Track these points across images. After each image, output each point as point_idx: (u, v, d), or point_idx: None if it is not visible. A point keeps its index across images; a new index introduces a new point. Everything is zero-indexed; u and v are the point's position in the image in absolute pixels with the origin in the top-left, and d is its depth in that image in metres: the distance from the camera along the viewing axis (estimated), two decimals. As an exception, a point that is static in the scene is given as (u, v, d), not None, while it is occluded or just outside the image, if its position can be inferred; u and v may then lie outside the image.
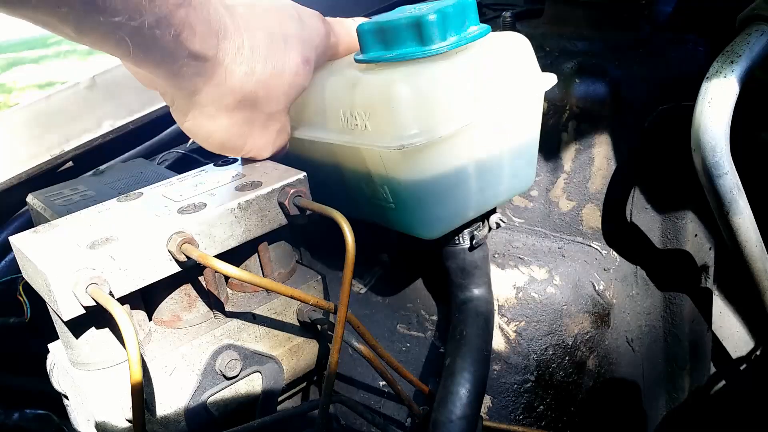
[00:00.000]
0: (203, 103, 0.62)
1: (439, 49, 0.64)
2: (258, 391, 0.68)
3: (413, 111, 0.63)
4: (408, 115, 0.63)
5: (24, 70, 7.75)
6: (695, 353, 0.91)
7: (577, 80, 0.86)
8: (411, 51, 0.65)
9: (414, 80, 0.64)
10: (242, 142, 0.68)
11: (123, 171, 0.81)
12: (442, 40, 0.65)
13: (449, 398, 0.69)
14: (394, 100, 0.63)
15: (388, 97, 0.64)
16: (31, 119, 1.08)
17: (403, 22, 0.64)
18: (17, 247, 0.59)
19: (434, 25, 0.64)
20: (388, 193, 0.69)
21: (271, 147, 0.71)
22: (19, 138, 1.06)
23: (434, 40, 0.64)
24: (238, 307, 0.67)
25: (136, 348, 0.50)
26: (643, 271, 0.89)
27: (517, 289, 0.85)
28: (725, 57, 0.70)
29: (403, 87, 0.63)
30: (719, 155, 0.68)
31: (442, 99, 0.64)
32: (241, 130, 0.66)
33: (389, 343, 0.85)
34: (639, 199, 0.86)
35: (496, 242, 0.91)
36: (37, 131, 1.07)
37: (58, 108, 1.10)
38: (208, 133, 0.66)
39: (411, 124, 0.63)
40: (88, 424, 0.63)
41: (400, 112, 0.63)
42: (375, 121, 0.65)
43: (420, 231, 0.71)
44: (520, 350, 0.82)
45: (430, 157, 0.65)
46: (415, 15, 0.64)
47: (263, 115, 0.67)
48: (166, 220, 0.60)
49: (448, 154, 0.66)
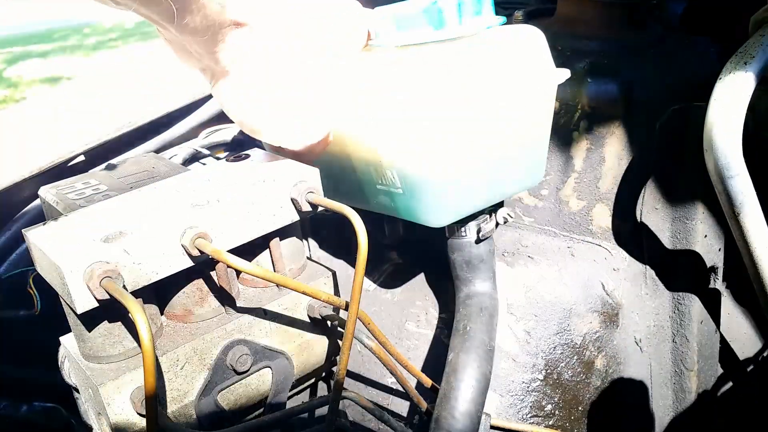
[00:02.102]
0: (242, 75, 0.61)
1: (454, 34, 0.65)
2: (268, 386, 0.69)
3: (426, 94, 0.63)
4: (421, 99, 0.63)
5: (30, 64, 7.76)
6: (703, 354, 0.91)
7: (589, 80, 0.86)
8: (427, 35, 0.65)
9: (428, 63, 0.64)
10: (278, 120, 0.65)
11: (135, 165, 0.81)
12: (457, 25, 0.65)
13: (452, 394, 0.69)
14: (408, 83, 0.64)
15: (403, 80, 0.64)
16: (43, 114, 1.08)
17: (420, 7, 0.65)
18: (31, 240, 0.60)
19: (451, 10, 0.64)
20: (396, 177, 0.69)
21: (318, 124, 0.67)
22: (31, 132, 1.07)
23: (450, 24, 0.65)
24: (249, 302, 0.67)
25: (150, 342, 0.50)
26: (653, 272, 0.89)
27: (527, 287, 0.85)
28: (738, 58, 0.70)
29: (417, 70, 0.64)
30: (731, 156, 0.68)
31: (455, 82, 0.64)
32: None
33: (398, 341, 0.85)
34: (649, 199, 0.86)
35: (505, 241, 0.91)
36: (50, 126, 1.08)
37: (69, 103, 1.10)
38: (244, 110, 0.64)
39: (423, 108, 0.63)
40: (98, 417, 0.63)
41: (413, 95, 0.63)
42: (388, 104, 0.66)
43: (426, 218, 0.71)
44: (528, 349, 0.82)
45: (440, 142, 0.65)
46: (433, 0, 0.64)
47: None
48: (180, 214, 0.60)
49: (459, 140, 0.66)
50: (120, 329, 0.59)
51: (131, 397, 0.59)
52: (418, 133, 0.63)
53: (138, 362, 0.60)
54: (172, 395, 0.62)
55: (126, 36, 9.00)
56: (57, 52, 8.24)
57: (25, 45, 8.88)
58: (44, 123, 1.08)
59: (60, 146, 1.08)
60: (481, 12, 0.67)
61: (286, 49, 0.61)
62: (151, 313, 0.62)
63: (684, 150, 0.81)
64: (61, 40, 9.07)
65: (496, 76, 0.67)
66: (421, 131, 0.63)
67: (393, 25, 0.67)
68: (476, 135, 0.67)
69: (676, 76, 0.85)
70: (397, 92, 0.65)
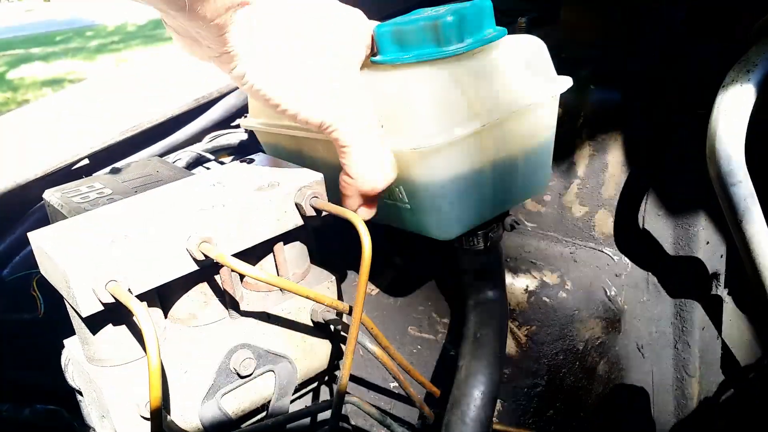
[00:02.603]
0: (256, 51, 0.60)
1: (456, 51, 0.65)
2: (271, 391, 0.69)
3: (430, 111, 0.63)
4: (424, 116, 0.63)
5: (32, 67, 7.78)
6: (705, 361, 0.91)
7: (592, 87, 0.86)
8: (428, 52, 0.65)
9: (431, 80, 0.64)
10: (302, 87, 0.63)
11: (139, 169, 0.82)
12: (459, 42, 0.65)
13: (463, 400, 0.69)
14: (410, 100, 0.64)
15: (405, 97, 0.64)
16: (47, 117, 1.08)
17: (421, 23, 0.65)
18: (36, 243, 0.60)
19: (452, 27, 0.64)
20: (403, 193, 0.69)
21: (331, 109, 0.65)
22: (35, 135, 1.07)
23: (451, 41, 0.65)
24: (252, 306, 0.67)
25: (155, 345, 0.50)
26: (655, 278, 0.90)
27: (529, 293, 0.85)
28: (741, 66, 0.70)
29: (420, 87, 0.64)
30: (734, 164, 0.68)
31: (459, 99, 0.64)
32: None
33: (400, 345, 0.86)
34: (652, 205, 0.87)
35: (508, 246, 0.91)
36: (53, 129, 1.08)
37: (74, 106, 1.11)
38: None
39: (427, 125, 0.63)
40: (101, 420, 0.63)
41: (417, 112, 0.64)
42: (391, 121, 0.66)
43: (435, 232, 0.71)
44: (531, 354, 0.82)
45: (445, 158, 0.65)
46: (433, 16, 0.64)
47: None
48: (185, 218, 0.60)
49: (464, 154, 0.66)
50: (124, 332, 0.59)
51: (135, 401, 0.59)
52: (424, 150, 0.63)
53: (142, 365, 0.60)
54: (175, 399, 0.62)
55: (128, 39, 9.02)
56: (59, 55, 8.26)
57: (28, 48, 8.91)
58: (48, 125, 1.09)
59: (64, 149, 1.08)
60: (482, 26, 0.67)
61: (290, 34, 0.61)
62: (155, 317, 0.62)
63: (686, 157, 0.81)
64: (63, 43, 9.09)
65: (499, 91, 0.67)
66: (426, 149, 0.63)
67: (395, 42, 0.67)
68: (482, 149, 0.67)
69: (680, 83, 0.85)
70: (401, 112, 0.65)
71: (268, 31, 0.60)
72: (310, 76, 0.62)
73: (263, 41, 0.60)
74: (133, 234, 0.58)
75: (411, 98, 0.64)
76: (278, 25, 0.60)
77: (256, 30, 0.59)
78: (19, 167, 1.04)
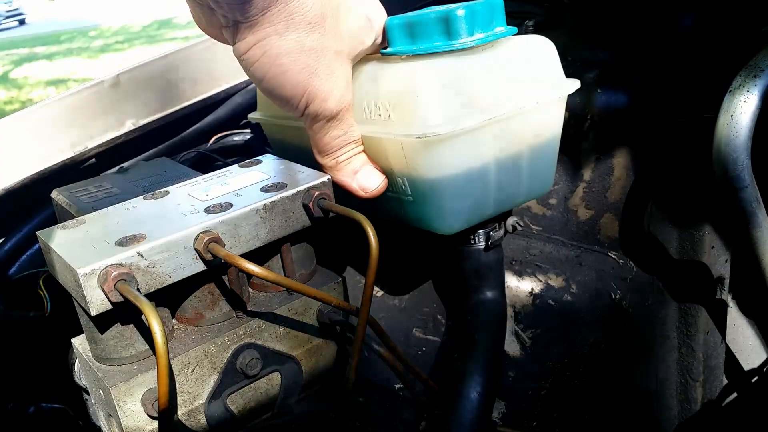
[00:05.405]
0: (272, 21, 0.60)
1: (465, 44, 0.66)
2: (277, 391, 0.69)
3: (437, 101, 0.64)
4: (432, 105, 0.64)
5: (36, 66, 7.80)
6: (708, 365, 0.91)
7: (599, 90, 0.86)
8: (438, 45, 0.66)
9: (440, 71, 0.65)
10: (306, 76, 0.64)
11: (147, 169, 0.82)
12: (469, 36, 0.66)
13: (459, 401, 0.69)
14: (419, 89, 0.64)
15: (413, 86, 0.65)
16: (54, 116, 1.09)
17: (432, 16, 0.66)
18: (44, 241, 0.60)
19: (462, 21, 0.65)
20: (407, 184, 0.69)
21: (335, 100, 0.67)
22: (43, 134, 1.07)
23: (461, 35, 0.65)
24: (259, 306, 0.68)
25: (164, 345, 0.50)
26: (660, 282, 0.90)
27: (534, 296, 0.85)
28: (748, 71, 0.70)
29: (428, 76, 0.64)
30: (740, 168, 0.69)
31: (467, 91, 0.65)
32: (307, 60, 0.63)
33: (405, 347, 0.86)
34: (657, 209, 0.87)
35: (513, 249, 0.91)
36: (61, 128, 1.08)
37: (81, 105, 1.11)
38: (272, 60, 0.63)
39: (434, 114, 0.64)
40: (109, 419, 0.63)
41: (424, 101, 0.64)
42: (399, 110, 0.66)
43: (436, 225, 0.71)
44: (535, 357, 0.82)
45: (451, 149, 0.65)
46: (444, 10, 0.65)
47: (329, 51, 0.65)
48: (193, 219, 0.60)
49: (470, 147, 0.66)
50: (132, 332, 0.60)
51: (142, 399, 0.60)
52: (430, 139, 0.63)
53: (149, 364, 0.60)
54: (182, 398, 0.62)
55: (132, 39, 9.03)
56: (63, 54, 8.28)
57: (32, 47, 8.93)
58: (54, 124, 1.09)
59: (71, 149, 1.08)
60: (492, 22, 0.67)
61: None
62: (163, 316, 0.62)
63: (692, 161, 0.82)
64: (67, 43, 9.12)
65: (506, 87, 0.67)
66: (432, 138, 0.63)
67: (405, 34, 0.68)
68: (487, 143, 0.67)
69: (686, 87, 0.85)
70: (408, 101, 0.65)
71: (286, 5, 0.60)
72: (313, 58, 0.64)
73: (279, 15, 0.60)
74: (143, 234, 0.58)
75: (419, 88, 0.64)
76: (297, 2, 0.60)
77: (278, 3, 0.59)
78: (25, 166, 1.04)
